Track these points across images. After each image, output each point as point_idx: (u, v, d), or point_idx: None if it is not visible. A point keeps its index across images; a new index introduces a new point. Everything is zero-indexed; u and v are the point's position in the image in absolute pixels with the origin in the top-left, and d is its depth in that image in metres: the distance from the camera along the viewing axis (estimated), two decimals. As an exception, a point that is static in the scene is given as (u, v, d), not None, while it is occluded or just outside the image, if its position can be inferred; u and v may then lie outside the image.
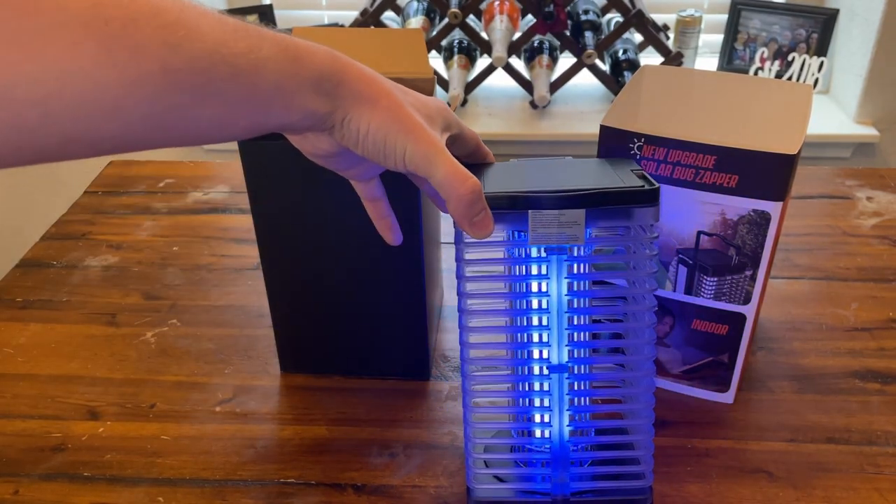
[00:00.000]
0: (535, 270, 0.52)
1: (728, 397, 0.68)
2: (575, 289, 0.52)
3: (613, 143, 0.60)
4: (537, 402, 0.55)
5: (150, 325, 0.79)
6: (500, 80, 1.78)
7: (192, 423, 0.67)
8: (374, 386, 0.70)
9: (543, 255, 0.51)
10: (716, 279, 0.62)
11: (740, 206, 0.59)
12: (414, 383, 0.70)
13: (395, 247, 0.63)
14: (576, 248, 0.50)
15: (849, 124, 1.71)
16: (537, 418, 0.56)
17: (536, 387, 0.55)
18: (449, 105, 0.67)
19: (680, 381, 0.68)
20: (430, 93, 0.72)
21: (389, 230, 0.53)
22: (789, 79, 1.67)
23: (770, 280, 0.81)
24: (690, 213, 0.60)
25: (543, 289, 0.52)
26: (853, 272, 0.85)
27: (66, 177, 1.82)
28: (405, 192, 0.61)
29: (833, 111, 1.76)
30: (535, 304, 0.53)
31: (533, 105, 1.74)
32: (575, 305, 0.53)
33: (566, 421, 0.55)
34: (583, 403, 0.55)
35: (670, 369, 0.68)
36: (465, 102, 1.76)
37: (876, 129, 1.69)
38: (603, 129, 0.60)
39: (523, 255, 0.51)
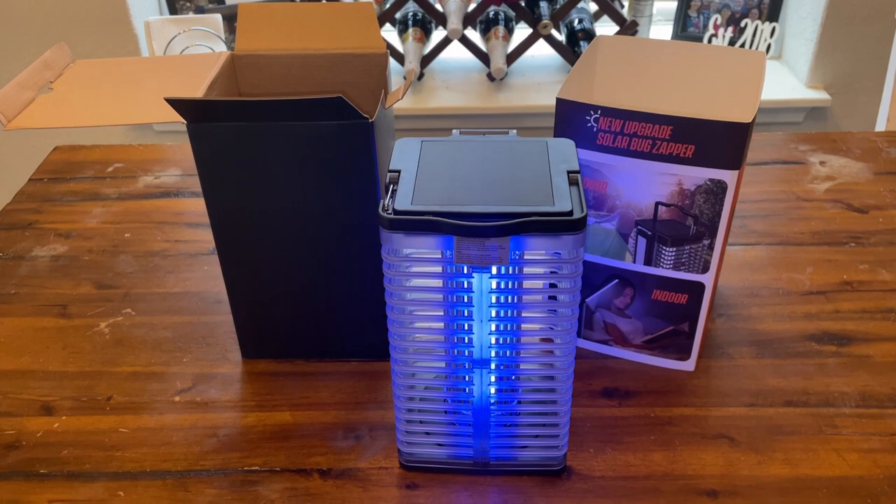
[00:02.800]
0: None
1: (689, 365, 0.68)
2: (501, 300, 0.52)
3: (570, 116, 0.60)
4: (463, 378, 0.56)
5: (104, 315, 0.77)
6: (456, 53, 1.76)
7: (151, 414, 0.66)
8: (336, 369, 0.70)
9: (467, 272, 0.51)
10: (674, 249, 0.62)
11: (697, 175, 0.59)
12: (377, 364, 0.70)
13: (352, 227, 0.62)
14: (501, 268, 0.50)
15: (801, 89, 1.73)
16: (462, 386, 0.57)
17: (462, 375, 0.56)
18: (405, 79, 0.66)
19: (641, 351, 0.69)
20: (384, 67, 0.71)
21: None
22: (742, 45, 1.69)
23: (727, 247, 0.82)
24: (648, 184, 0.60)
25: (467, 299, 0.52)
26: (808, 236, 0.86)
27: (9, 164, 1.76)
28: (362, 174, 0.60)
29: (785, 76, 1.78)
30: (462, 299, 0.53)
31: (490, 77, 1.73)
32: (500, 307, 0.53)
33: (489, 391, 0.56)
34: (506, 377, 0.56)
35: (632, 340, 0.69)
36: (421, 76, 1.74)
37: (827, 94, 1.71)
38: (559, 101, 0.60)
39: (451, 271, 0.51)
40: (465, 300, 0.52)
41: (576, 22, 1.70)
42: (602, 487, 0.58)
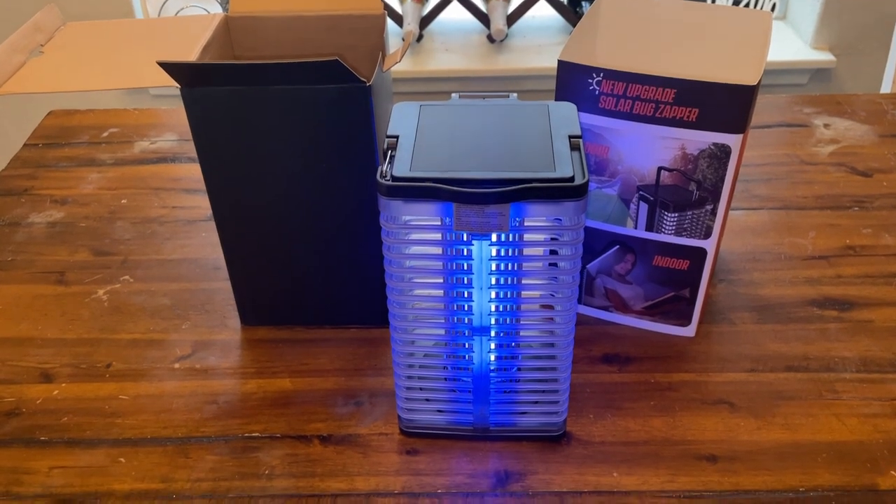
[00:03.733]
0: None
1: (690, 331, 0.68)
2: (501, 267, 0.52)
3: (572, 79, 0.59)
4: (463, 345, 0.56)
5: (102, 282, 0.76)
6: (455, 14, 1.73)
7: (151, 381, 0.65)
8: (336, 336, 0.69)
9: (467, 239, 0.50)
10: (677, 215, 0.62)
11: (700, 139, 0.58)
12: (376, 331, 0.69)
13: (351, 192, 0.62)
14: (502, 235, 0.49)
15: (805, 50, 1.70)
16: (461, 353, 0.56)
17: (461, 342, 0.56)
18: (403, 41, 0.64)
19: (642, 318, 0.69)
20: (382, 29, 0.69)
21: None
22: (748, 5, 1.66)
23: (730, 212, 0.81)
24: (651, 149, 0.59)
25: (467, 267, 0.52)
26: (811, 200, 0.85)
27: (3, 129, 1.74)
28: (360, 139, 0.59)
29: (790, 37, 1.75)
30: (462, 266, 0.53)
31: (490, 39, 1.70)
32: (500, 274, 0.53)
33: (489, 358, 0.55)
34: (506, 344, 0.55)
35: (632, 306, 0.68)
36: (420, 38, 1.71)
37: (832, 55, 1.69)
38: (561, 64, 0.59)
39: (450, 238, 0.50)
40: (465, 267, 0.51)
41: (577, -19, 1.67)
42: (601, 453, 0.58)
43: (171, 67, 0.56)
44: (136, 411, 0.63)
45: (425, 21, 1.69)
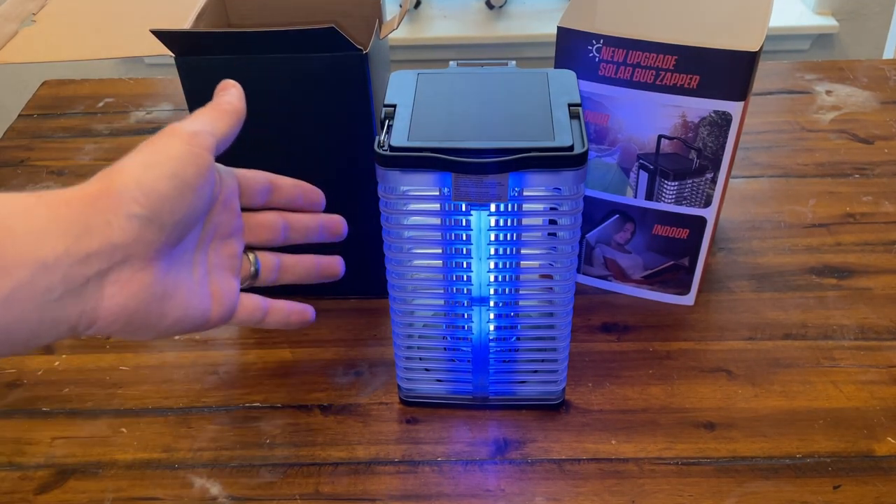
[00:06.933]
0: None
1: (689, 300, 0.68)
2: (500, 238, 0.52)
3: (571, 46, 0.58)
4: (462, 315, 0.56)
5: (100, 253, 0.76)
6: (453, -20, 1.71)
7: (151, 352, 0.66)
8: (336, 306, 0.69)
9: (466, 209, 0.49)
10: (676, 183, 0.61)
11: (701, 107, 0.57)
12: (376, 301, 0.69)
13: (348, 162, 0.61)
14: (500, 205, 0.49)
15: (808, 15, 1.68)
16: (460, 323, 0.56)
17: (461, 312, 0.56)
18: (401, 7, 0.64)
19: (641, 287, 0.69)
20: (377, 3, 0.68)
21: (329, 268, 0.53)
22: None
23: (730, 180, 0.81)
24: (651, 116, 0.59)
25: (465, 237, 0.51)
26: (811, 168, 0.85)
27: None
28: (357, 108, 0.59)
29: (792, 1, 1.73)
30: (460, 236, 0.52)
31: (489, 5, 1.68)
32: (499, 244, 0.52)
33: (488, 328, 0.55)
34: (505, 314, 0.55)
35: (631, 275, 0.68)
36: (417, 4, 1.69)
37: (835, 20, 1.67)
38: (560, 30, 0.58)
39: (449, 209, 0.50)
40: (464, 238, 0.51)
41: (577, -55, 1.65)
42: (600, 421, 0.59)
43: (164, 36, 0.55)
44: (137, 382, 0.63)
45: (423, -13, 1.67)
